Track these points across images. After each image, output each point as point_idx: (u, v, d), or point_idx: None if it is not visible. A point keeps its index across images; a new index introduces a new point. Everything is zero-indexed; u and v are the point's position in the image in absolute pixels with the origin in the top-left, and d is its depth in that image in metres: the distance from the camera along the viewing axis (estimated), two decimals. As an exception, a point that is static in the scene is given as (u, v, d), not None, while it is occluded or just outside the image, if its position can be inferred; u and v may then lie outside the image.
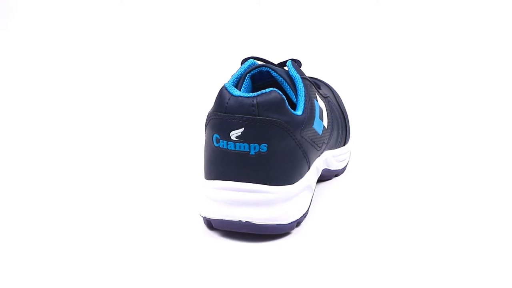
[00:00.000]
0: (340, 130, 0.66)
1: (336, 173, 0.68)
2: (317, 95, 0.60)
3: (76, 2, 1.09)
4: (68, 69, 1.04)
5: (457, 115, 0.89)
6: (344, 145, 0.68)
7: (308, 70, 0.61)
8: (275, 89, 0.51)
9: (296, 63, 0.60)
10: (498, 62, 0.94)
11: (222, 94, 0.51)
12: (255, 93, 0.50)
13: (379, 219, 0.57)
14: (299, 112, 0.54)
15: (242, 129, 0.50)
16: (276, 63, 0.61)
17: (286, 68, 0.61)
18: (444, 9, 1.01)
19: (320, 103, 0.60)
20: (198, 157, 0.71)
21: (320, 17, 1.04)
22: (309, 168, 0.56)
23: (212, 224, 0.53)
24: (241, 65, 0.60)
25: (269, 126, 0.50)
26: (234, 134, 0.50)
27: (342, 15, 1.04)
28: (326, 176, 0.65)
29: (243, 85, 0.57)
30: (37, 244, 0.53)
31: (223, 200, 0.51)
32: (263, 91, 0.51)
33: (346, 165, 0.70)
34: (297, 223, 0.54)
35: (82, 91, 0.99)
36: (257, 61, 0.60)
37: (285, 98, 0.52)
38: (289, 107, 0.52)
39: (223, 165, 0.51)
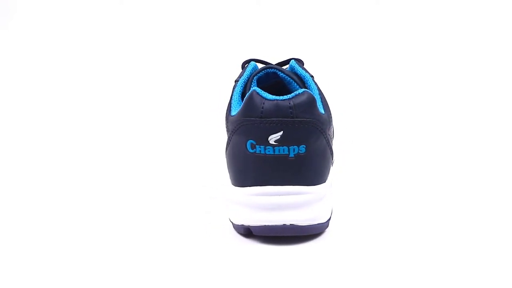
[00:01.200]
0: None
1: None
2: None
3: (76, 2, 1.06)
4: (68, 70, 1.01)
5: (447, 113, 0.89)
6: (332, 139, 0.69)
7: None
8: (306, 89, 0.51)
9: (299, 62, 0.60)
10: (498, 63, 0.96)
11: (254, 99, 0.50)
12: (289, 96, 0.50)
13: (393, 209, 0.59)
14: (322, 110, 0.54)
15: (281, 133, 0.50)
16: (274, 63, 0.61)
17: (285, 67, 0.61)
18: (444, 9, 1.03)
19: None
20: (201, 160, 0.70)
21: (319, 17, 1.04)
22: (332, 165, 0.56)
23: (251, 231, 0.52)
24: (242, 68, 0.59)
25: (306, 127, 0.50)
26: (273, 138, 0.50)
27: (342, 15, 1.05)
28: None
29: (251, 88, 0.56)
30: (39, 251, 0.52)
31: (264, 206, 0.51)
32: (296, 92, 0.50)
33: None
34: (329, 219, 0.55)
35: (82, 92, 0.96)
36: (257, 63, 0.59)
37: (316, 98, 0.52)
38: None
39: (261, 170, 0.51)
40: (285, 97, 0.50)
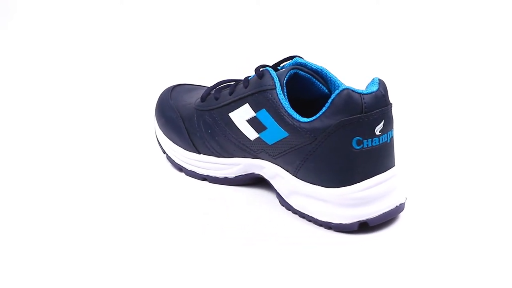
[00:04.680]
0: None
1: None
2: None
3: (76, 2, 1.08)
4: (68, 70, 0.99)
5: (451, 116, 0.84)
6: None
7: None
8: (378, 77, 0.53)
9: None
10: (499, 62, 0.96)
11: (352, 97, 0.51)
12: (376, 87, 0.52)
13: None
14: None
15: (383, 121, 0.52)
16: (273, 62, 0.60)
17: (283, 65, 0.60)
18: (444, 9, 1.02)
19: None
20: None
21: (319, 17, 1.01)
22: None
23: (367, 224, 0.53)
24: (255, 73, 0.57)
25: (391, 110, 0.53)
26: (378, 129, 0.51)
27: (342, 15, 1.02)
28: None
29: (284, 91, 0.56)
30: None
31: (379, 195, 0.53)
32: (373, 81, 0.52)
33: None
34: None
35: (82, 92, 0.92)
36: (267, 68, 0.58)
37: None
38: None
39: (369, 163, 0.52)
40: (373, 89, 0.52)
